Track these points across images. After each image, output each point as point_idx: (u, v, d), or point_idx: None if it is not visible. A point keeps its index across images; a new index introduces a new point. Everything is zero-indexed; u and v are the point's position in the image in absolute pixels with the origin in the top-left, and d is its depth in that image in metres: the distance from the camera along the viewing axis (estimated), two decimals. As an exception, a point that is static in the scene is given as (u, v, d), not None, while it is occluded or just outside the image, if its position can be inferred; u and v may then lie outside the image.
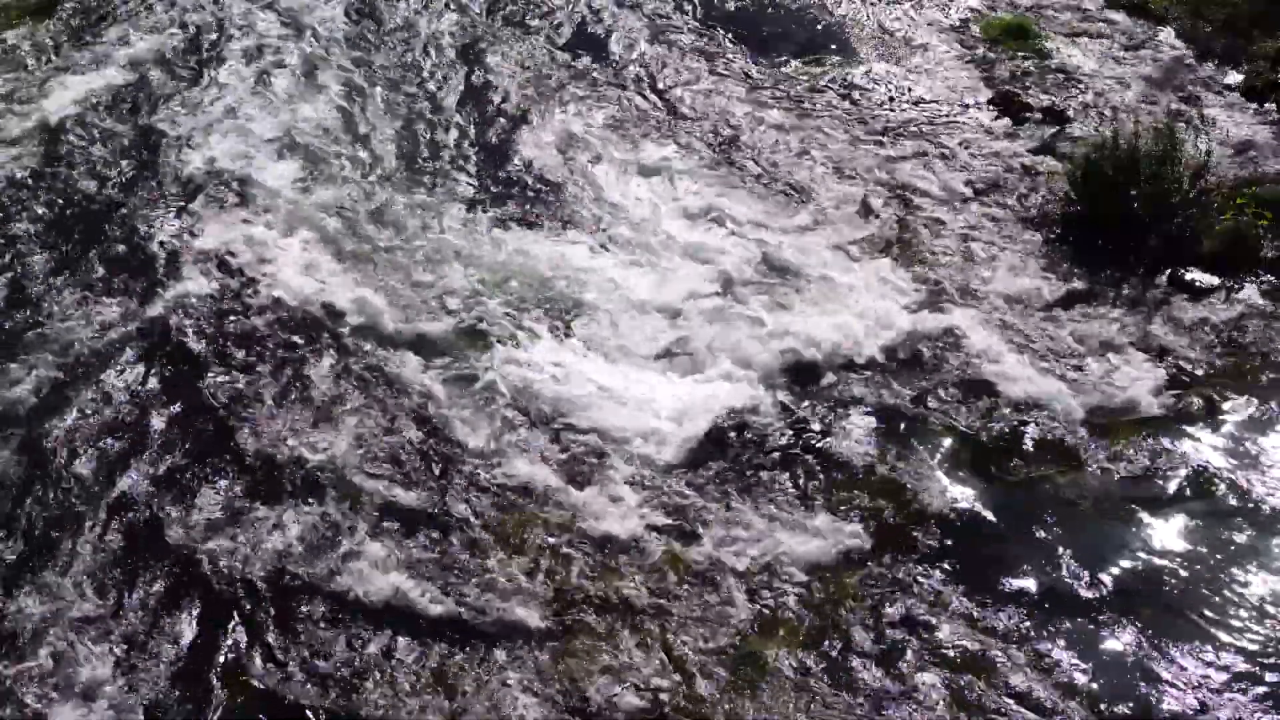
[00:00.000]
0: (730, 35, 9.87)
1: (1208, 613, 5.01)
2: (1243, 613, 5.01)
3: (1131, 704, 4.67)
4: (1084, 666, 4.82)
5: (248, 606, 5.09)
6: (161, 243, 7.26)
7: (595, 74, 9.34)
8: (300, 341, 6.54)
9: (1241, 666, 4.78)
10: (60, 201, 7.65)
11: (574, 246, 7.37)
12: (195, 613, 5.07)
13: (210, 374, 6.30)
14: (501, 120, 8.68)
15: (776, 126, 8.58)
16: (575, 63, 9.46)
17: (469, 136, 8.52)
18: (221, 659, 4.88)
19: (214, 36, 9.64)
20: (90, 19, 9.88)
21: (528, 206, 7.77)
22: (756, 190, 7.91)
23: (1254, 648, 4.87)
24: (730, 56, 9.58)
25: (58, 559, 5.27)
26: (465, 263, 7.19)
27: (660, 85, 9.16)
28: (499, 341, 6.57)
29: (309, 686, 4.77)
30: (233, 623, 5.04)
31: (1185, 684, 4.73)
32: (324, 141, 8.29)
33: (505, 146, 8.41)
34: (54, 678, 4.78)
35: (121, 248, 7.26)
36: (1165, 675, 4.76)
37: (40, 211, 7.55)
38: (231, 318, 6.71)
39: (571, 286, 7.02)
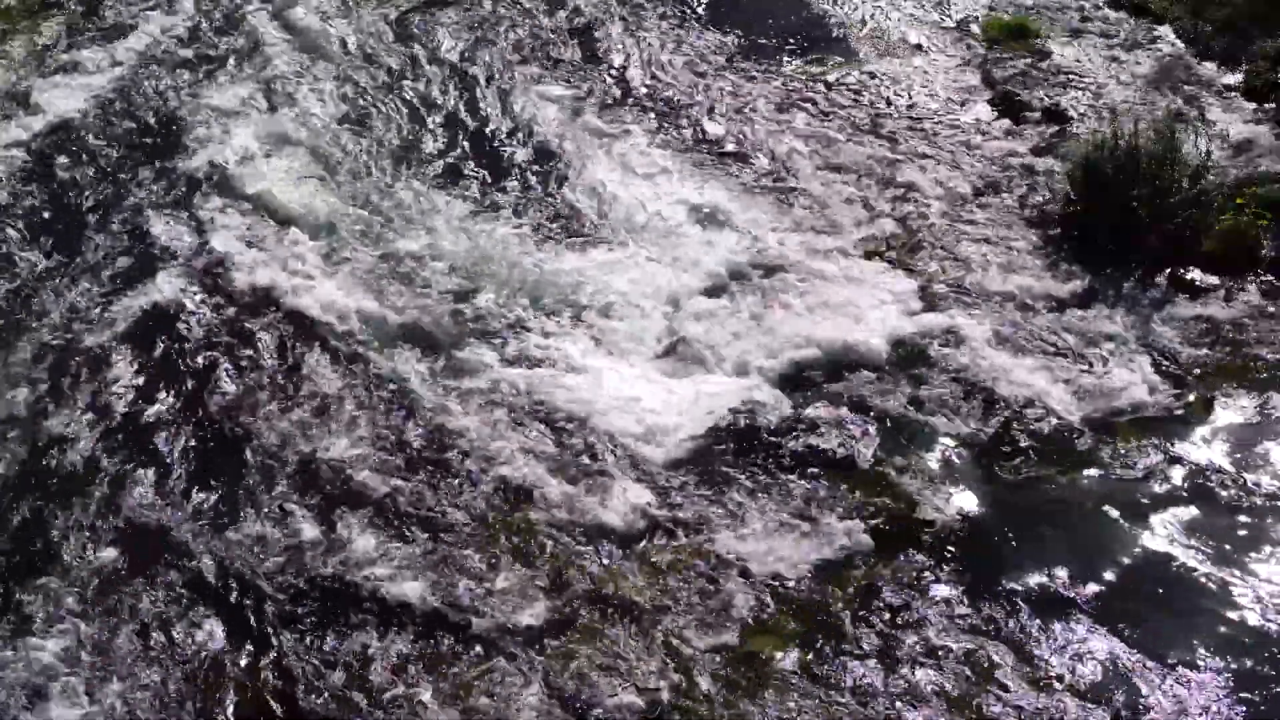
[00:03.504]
0: (728, 34, 9.86)
1: (1208, 613, 5.01)
2: (1243, 612, 5.01)
3: (1131, 704, 4.67)
4: (1083, 666, 4.82)
5: (248, 607, 5.10)
6: (164, 242, 7.27)
7: (607, 85, 9.36)
8: (301, 340, 6.55)
9: (1242, 666, 4.78)
10: (62, 200, 7.66)
11: (573, 243, 7.38)
12: (194, 614, 5.08)
13: (212, 373, 6.31)
14: (507, 120, 8.71)
15: (777, 126, 8.57)
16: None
17: (474, 134, 8.54)
18: (221, 659, 4.89)
19: (216, 34, 9.64)
20: (91, 18, 9.88)
21: (525, 203, 7.78)
22: (757, 189, 7.91)
23: (1255, 648, 4.86)
24: (728, 54, 9.58)
25: (59, 560, 5.28)
26: (466, 261, 7.20)
27: (653, 84, 9.16)
28: (499, 338, 6.60)
29: (309, 686, 4.77)
30: (233, 623, 5.05)
31: (1185, 684, 4.73)
32: (328, 138, 8.30)
33: (506, 145, 8.43)
34: (53, 678, 4.80)
35: (123, 246, 7.27)
36: (1165, 675, 4.76)
37: (42, 210, 7.56)
38: (233, 315, 6.72)
39: (573, 284, 7.03)
